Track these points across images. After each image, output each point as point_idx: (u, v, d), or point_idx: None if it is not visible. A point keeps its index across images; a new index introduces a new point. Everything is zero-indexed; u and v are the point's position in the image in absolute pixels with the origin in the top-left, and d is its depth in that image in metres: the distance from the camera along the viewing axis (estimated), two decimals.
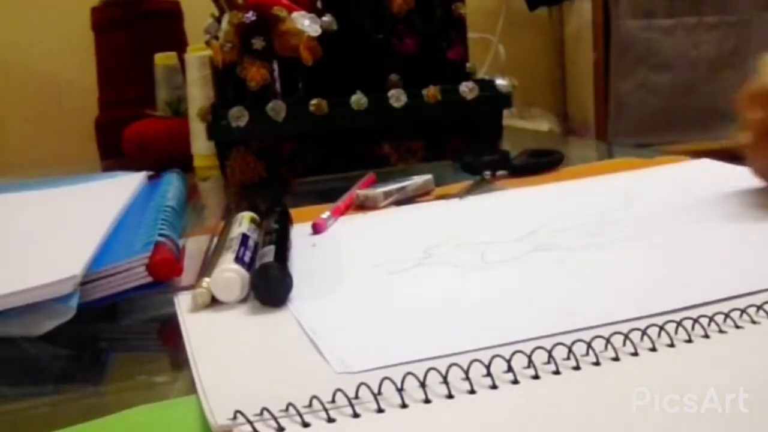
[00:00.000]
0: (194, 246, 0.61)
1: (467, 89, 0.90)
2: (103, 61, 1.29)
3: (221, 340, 0.44)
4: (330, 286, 0.51)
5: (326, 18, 0.88)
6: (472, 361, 0.35)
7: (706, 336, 0.37)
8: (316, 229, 0.63)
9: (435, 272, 0.52)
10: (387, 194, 0.71)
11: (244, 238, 0.53)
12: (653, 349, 0.36)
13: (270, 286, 0.47)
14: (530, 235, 0.57)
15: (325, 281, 0.51)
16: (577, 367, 0.35)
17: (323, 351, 0.40)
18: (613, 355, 0.36)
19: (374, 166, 0.85)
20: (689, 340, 0.37)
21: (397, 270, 0.52)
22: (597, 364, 0.35)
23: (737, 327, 0.38)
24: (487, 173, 0.78)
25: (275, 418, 0.32)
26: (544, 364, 0.35)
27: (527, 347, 0.36)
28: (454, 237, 0.58)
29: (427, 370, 0.35)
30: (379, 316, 0.45)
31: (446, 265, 0.53)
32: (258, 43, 0.84)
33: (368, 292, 0.49)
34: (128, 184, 0.75)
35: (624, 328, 0.37)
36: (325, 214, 0.65)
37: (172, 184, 0.74)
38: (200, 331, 0.45)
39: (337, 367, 0.38)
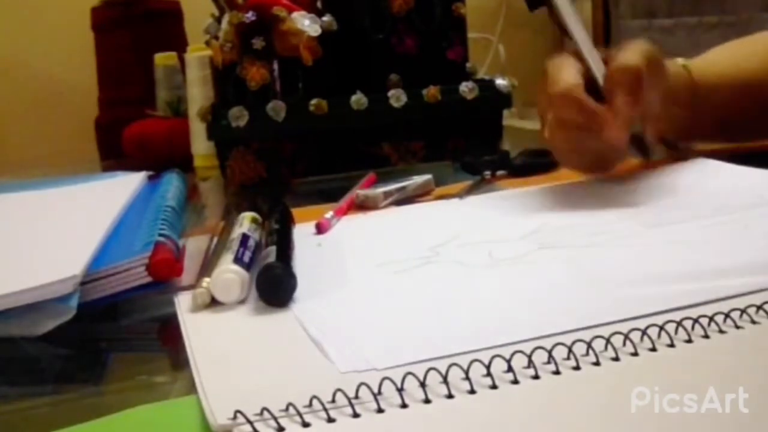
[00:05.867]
0: (194, 246, 0.61)
1: (467, 89, 0.90)
2: (103, 61, 1.29)
3: (221, 340, 0.44)
4: (336, 286, 0.51)
5: (326, 18, 0.88)
6: (472, 361, 0.35)
7: (706, 336, 0.37)
8: (320, 229, 0.63)
9: (443, 271, 0.52)
10: (387, 194, 0.71)
11: (244, 238, 0.53)
12: (653, 349, 0.36)
13: (274, 286, 0.47)
14: (534, 234, 0.57)
15: (332, 281, 0.51)
16: (577, 367, 0.35)
17: (328, 351, 0.39)
18: (613, 355, 0.36)
19: (374, 166, 0.85)
20: (689, 340, 0.37)
21: (405, 269, 0.52)
22: (597, 364, 0.35)
23: (737, 327, 0.38)
24: (487, 173, 0.78)
25: (275, 418, 0.32)
26: (544, 364, 0.35)
27: (527, 347, 0.36)
28: (458, 236, 0.58)
29: (427, 370, 0.35)
30: (385, 316, 0.45)
31: (454, 263, 0.53)
32: (258, 43, 0.84)
33: (375, 292, 0.49)
34: (128, 184, 0.75)
35: (624, 328, 0.37)
36: (329, 214, 0.65)
37: (172, 184, 0.74)
38: (200, 331, 0.45)
39: (341, 366, 0.38)
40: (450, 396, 0.34)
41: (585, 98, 0.63)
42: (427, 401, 0.33)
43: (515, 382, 0.34)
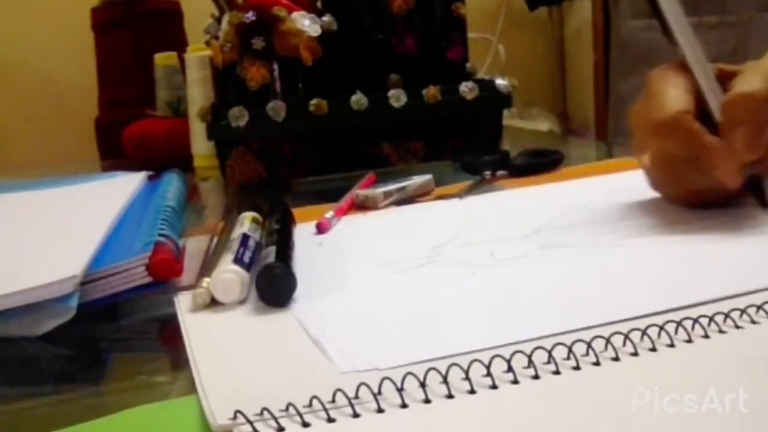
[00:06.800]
0: (194, 246, 0.61)
1: (467, 89, 0.90)
2: (103, 61, 1.29)
3: (221, 340, 0.44)
4: (337, 286, 0.51)
5: (326, 18, 0.88)
6: (472, 361, 0.35)
7: (706, 336, 0.37)
8: (320, 229, 0.63)
9: (444, 270, 0.52)
10: (387, 194, 0.71)
11: (244, 238, 0.53)
12: (653, 349, 0.36)
13: (274, 287, 0.47)
14: (536, 233, 0.57)
15: (332, 281, 0.51)
16: (577, 367, 0.35)
17: (328, 351, 0.39)
18: (613, 355, 0.36)
19: (374, 166, 0.85)
20: (689, 340, 0.37)
21: (406, 268, 0.52)
22: (597, 364, 0.35)
23: (737, 327, 0.38)
24: (487, 173, 0.78)
25: (275, 418, 0.32)
26: (544, 364, 0.35)
27: (527, 347, 0.36)
28: (458, 236, 0.58)
29: (427, 370, 0.34)
30: (386, 316, 0.45)
31: (455, 263, 0.53)
32: (258, 43, 0.84)
33: (375, 292, 0.49)
34: (128, 184, 0.75)
35: (624, 328, 0.37)
36: (329, 214, 0.65)
37: (172, 184, 0.74)
38: (200, 331, 0.45)
39: (341, 366, 0.38)
40: (450, 396, 0.34)
41: (697, 129, 0.53)
42: (427, 401, 0.33)
43: (515, 382, 0.34)
